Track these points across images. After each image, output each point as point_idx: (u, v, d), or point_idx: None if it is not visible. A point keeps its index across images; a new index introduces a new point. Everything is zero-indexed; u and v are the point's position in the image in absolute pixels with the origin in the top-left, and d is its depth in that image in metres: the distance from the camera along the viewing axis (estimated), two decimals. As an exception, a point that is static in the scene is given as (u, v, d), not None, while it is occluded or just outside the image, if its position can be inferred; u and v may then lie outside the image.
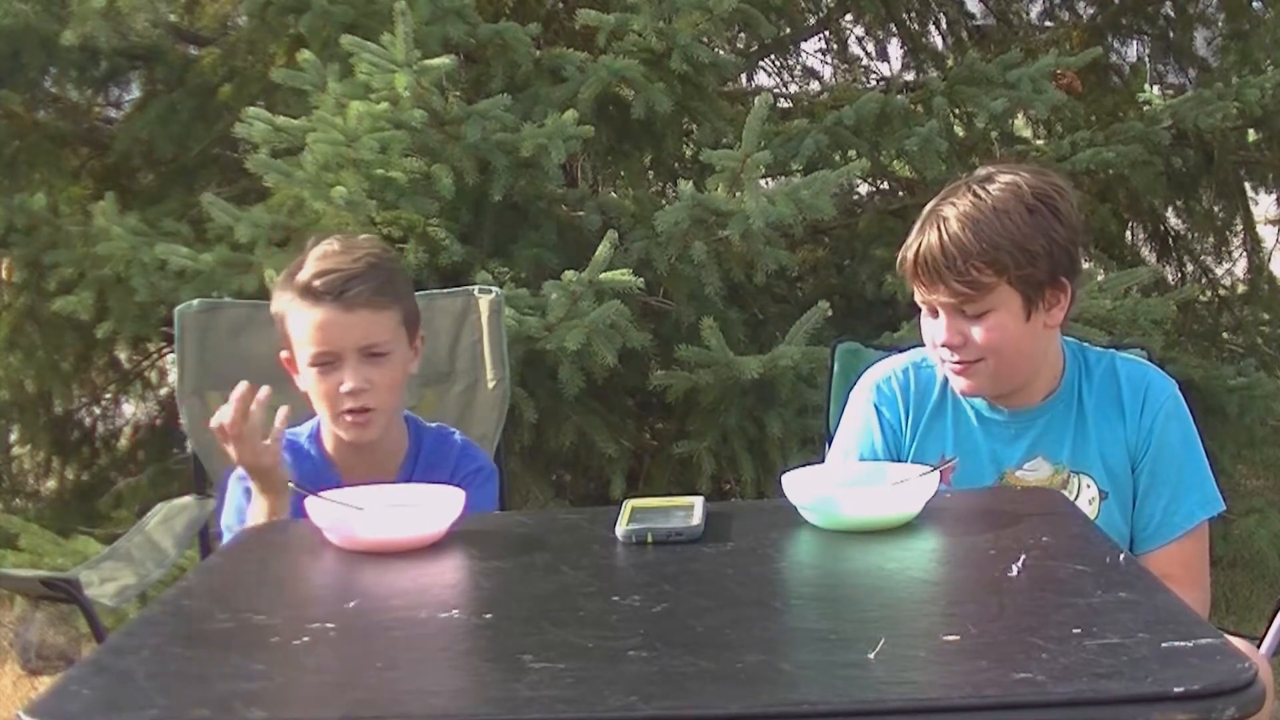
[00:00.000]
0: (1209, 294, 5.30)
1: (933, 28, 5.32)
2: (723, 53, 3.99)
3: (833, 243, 4.27)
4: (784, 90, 5.27)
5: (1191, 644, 1.08)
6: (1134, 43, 5.31)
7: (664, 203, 3.59)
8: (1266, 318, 5.13)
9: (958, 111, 4.02)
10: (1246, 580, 3.84)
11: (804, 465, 1.68)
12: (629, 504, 1.58)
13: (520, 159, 3.29)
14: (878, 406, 1.97)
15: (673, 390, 3.29)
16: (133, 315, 3.46)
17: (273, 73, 3.45)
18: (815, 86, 5.34)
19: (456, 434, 2.09)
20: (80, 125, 4.29)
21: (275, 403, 2.20)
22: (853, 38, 5.39)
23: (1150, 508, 1.90)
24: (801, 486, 1.55)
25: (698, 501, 1.58)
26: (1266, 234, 5.71)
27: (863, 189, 4.68)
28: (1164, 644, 1.08)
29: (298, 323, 1.90)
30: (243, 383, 1.80)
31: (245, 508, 1.91)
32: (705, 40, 3.65)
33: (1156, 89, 5.22)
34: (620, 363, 3.15)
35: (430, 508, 1.57)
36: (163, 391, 4.67)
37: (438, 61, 3.20)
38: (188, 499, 2.44)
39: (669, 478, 3.53)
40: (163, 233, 3.42)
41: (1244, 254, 5.39)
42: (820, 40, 5.36)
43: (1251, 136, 4.86)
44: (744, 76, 4.96)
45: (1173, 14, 5.18)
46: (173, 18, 4.16)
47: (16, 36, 3.74)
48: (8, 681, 3.56)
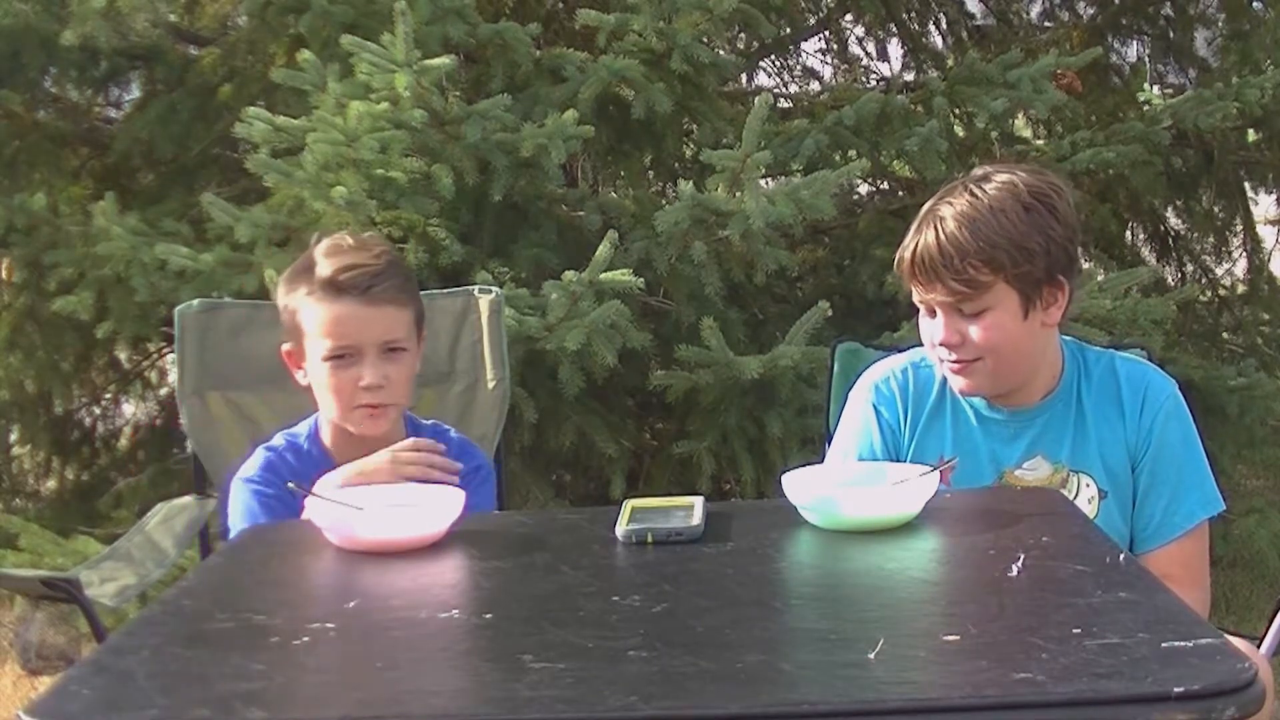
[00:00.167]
0: (1209, 294, 5.30)
1: (933, 28, 5.32)
2: (723, 53, 3.99)
3: (833, 243, 4.27)
4: (784, 90, 5.27)
5: (1191, 644, 1.08)
6: (1134, 43, 5.32)
7: (664, 203, 3.59)
8: (1266, 318, 5.12)
9: (958, 111, 4.02)
10: (1246, 580, 3.84)
11: (804, 465, 1.68)
12: (629, 504, 1.58)
13: (520, 159, 3.29)
14: (876, 407, 1.97)
15: (673, 390, 3.29)
16: (133, 315, 3.46)
17: (273, 73, 3.45)
18: (815, 86, 5.34)
19: (452, 432, 2.09)
20: (80, 125, 4.29)
21: (274, 401, 2.21)
22: (853, 38, 5.39)
23: (1150, 507, 1.90)
24: (801, 486, 1.55)
25: (698, 501, 1.58)
26: (1266, 234, 5.71)
27: (863, 189, 4.68)
28: (1164, 644, 1.08)
29: (313, 316, 1.89)
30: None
31: (257, 512, 1.90)
32: (705, 40, 3.65)
33: (1156, 89, 5.22)
34: (620, 363, 3.15)
35: (430, 508, 1.57)
36: (163, 391, 4.67)
37: (438, 61, 3.20)
38: (188, 499, 2.43)
39: (669, 478, 3.53)
40: (163, 233, 3.42)
41: (1244, 254, 5.39)
42: (820, 40, 5.36)
43: (1251, 136, 4.86)
44: (744, 76, 4.96)
45: (1173, 14, 5.18)
46: (173, 18, 4.16)
47: (16, 36, 3.74)
48: (8, 681, 3.56)
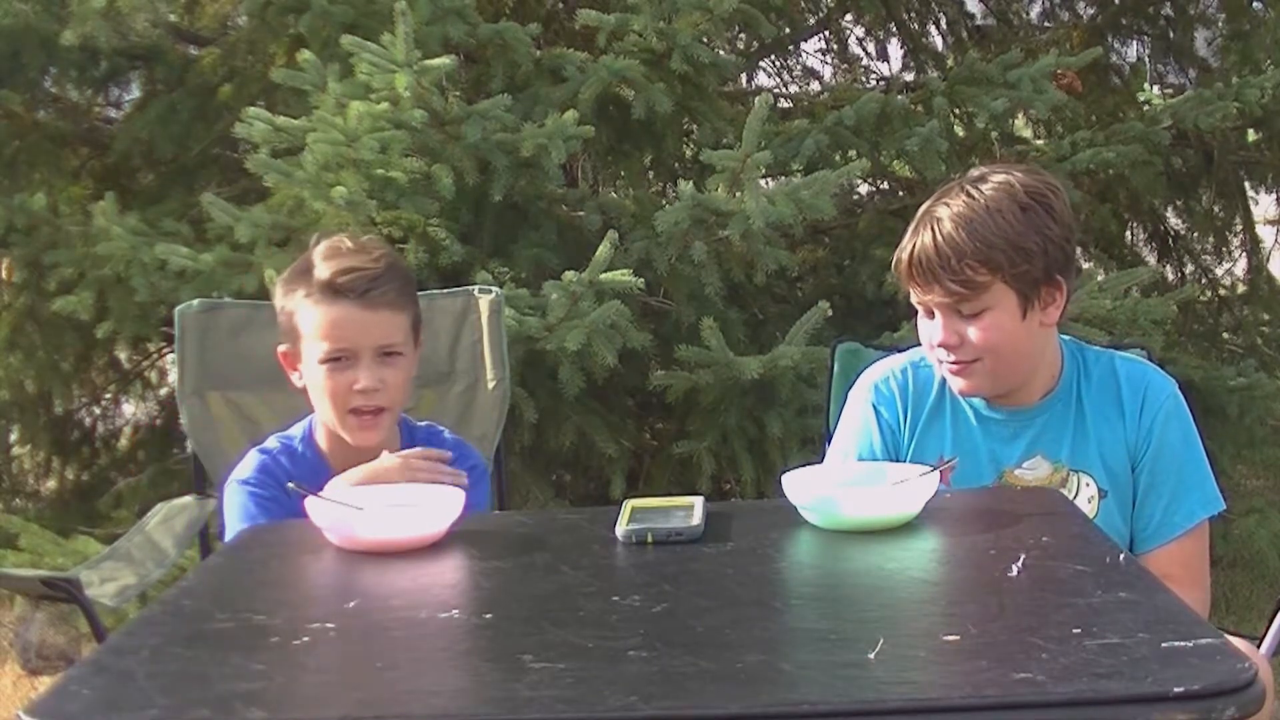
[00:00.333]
0: (1209, 294, 5.30)
1: (933, 28, 5.32)
2: (723, 53, 3.99)
3: (833, 243, 4.27)
4: (784, 90, 5.27)
5: (1191, 644, 1.08)
6: (1134, 43, 5.31)
7: (664, 203, 3.59)
8: (1266, 318, 5.13)
9: (958, 111, 4.02)
10: (1246, 580, 3.84)
11: (804, 465, 1.68)
12: (629, 504, 1.58)
13: (520, 159, 3.29)
14: (876, 407, 1.97)
15: (673, 390, 3.29)
16: (133, 315, 3.46)
17: (273, 73, 3.45)
18: (815, 86, 5.34)
19: (446, 432, 2.08)
20: (80, 125, 4.29)
21: (274, 401, 2.21)
22: (853, 38, 5.39)
23: (1150, 507, 1.90)
24: (801, 486, 1.55)
25: (698, 501, 1.58)
26: (1266, 234, 5.72)
27: (863, 189, 4.68)
28: (1164, 644, 1.08)
29: (310, 319, 1.89)
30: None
31: (253, 513, 1.90)
32: (705, 40, 3.65)
33: (1156, 89, 5.22)
34: (620, 363, 3.15)
35: (430, 508, 1.57)
36: (163, 391, 4.67)
37: (438, 61, 3.20)
38: (188, 499, 2.43)
39: (669, 478, 3.53)
40: (163, 233, 3.42)
41: (1244, 254, 5.39)
42: (820, 40, 5.36)
43: (1251, 136, 4.86)
44: (744, 76, 4.96)
45: (1173, 14, 5.18)
46: (173, 18, 4.16)
47: (16, 36, 3.74)
48: (8, 681, 3.56)
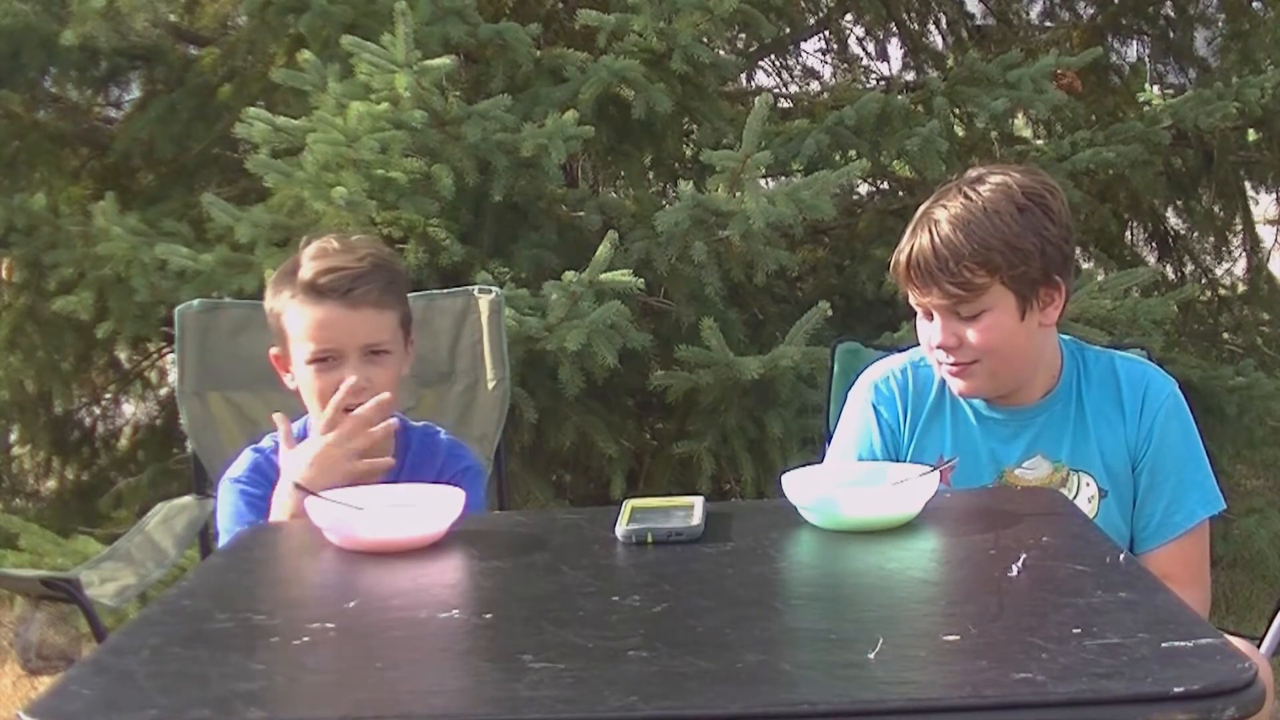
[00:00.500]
0: (1209, 294, 5.30)
1: (933, 28, 5.32)
2: (723, 53, 3.98)
3: (833, 243, 4.27)
4: (784, 90, 5.27)
5: (1191, 644, 1.08)
6: (1134, 43, 5.31)
7: (664, 203, 3.59)
8: (1266, 318, 5.12)
9: (958, 111, 4.02)
10: (1246, 580, 3.84)
11: (804, 465, 1.68)
12: (629, 504, 1.58)
13: (520, 159, 3.29)
14: (876, 406, 1.97)
15: (673, 390, 3.29)
16: (133, 315, 3.46)
17: (273, 73, 3.45)
18: (815, 86, 5.34)
19: (442, 433, 2.08)
20: (80, 125, 4.29)
21: (274, 401, 2.21)
22: (853, 38, 5.39)
23: (1151, 507, 1.90)
24: (801, 486, 1.55)
25: (698, 501, 1.58)
26: (1266, 234, 5.71)
27: (863, 189, 4.68)
28: (1164, 644, 1.08)
29: (296, 320, 1.89)
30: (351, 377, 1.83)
31: (244, 513, 1.90)
32: (705, 40, 3.65)
33: (1156, 89, 5.22)
34: (620, 363, 3.15)
35: (430, 508, 1.57)
36: (163, 391, 4.67)
37: (438, 62, 3.20)
38: (188, 499, 2.44)
39: (669, 478, 3.53)
40: (163, 233, 3.42)
41: (1244, 254, 5.39)
42: (820, 40, 5.36)
43: (1251, 136, 4.86)
44: (744, 76, 4.96)
45: (1173, 14, 5.18)
46: (173, 18, 4.16)
47: (16, 36, 3.74)
48: (8, 681, 3.56)
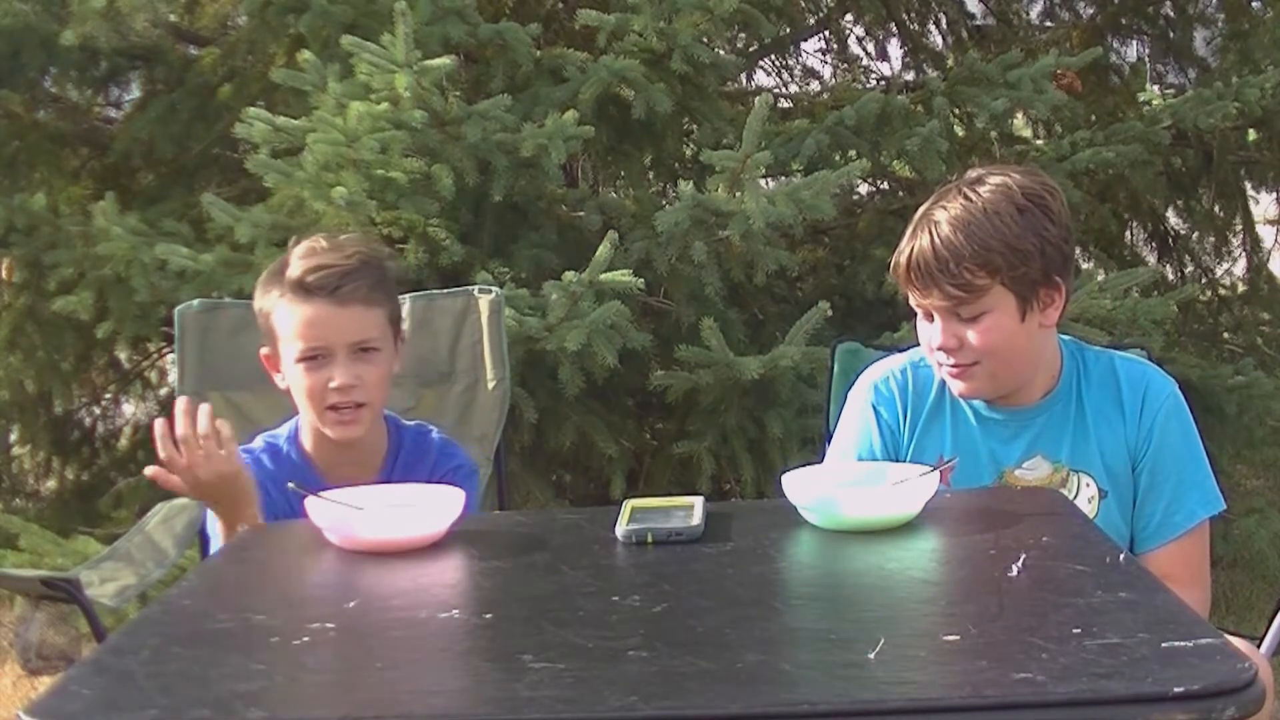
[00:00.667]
0: (1209, 294, 5.30)
1: (933, 28, 5.32)
2: (723, 53, 3.98)
3: (833, 243, 4.27)
4: (784, 90, 5.27)
5: (1191, 644, 1.08)
6: (1134, 43, 5.31)
7: (664, 203, 3.59)
8: (1266, 318, 5.12)
9: (958, 111, 4.02)
10: (1246, 580, 3.84)
11: (804, 465, 1.68)
12: (629, 504, 1.58)
13: (520, 159, 3.29)
14: (875, 407, 1.97)
15: (673, 390, 3.29)
16: (133, 315, 3.46)
17: (273, 73, 3.45)
18: (815, 86, 5.34)
19: (435, 432, 2.08)
20: (80, 125, 4.29)
21: (274, 401, 2.20)
22: (853, 38, 5.39)
23: (1151, 507, 1.90)
24: (801, 486, 1.55)
25: (698, 501, 1.58)
26: (1266, 234, 5.71)
27: (863, 189, 4.68)
28: (1164, 644, 1.08)
29: (285, 318, 1.90)
30: (182, 398, 1.80)
31: None
32: (705, 40, 3.65)
33: (1156, 89, 5.22)
34: (620, 363, 3.15)
35: (430, 508, 1.57)
36: (163, 391, 4.67)
37: (438, 62, 3.20)
38: (187, 499, 2.43)
39: (669, 478, 3.53)
40: (163, 233, 3.42)
41: (1244, 254, 5.39)
42: (820, 40, 5.36)
43: (1251, 136, 4.86)
44: (744, 76, 4.96)
45: (1173, 14, 5.18)
46: (173, 18, 4.16)
47: (16, 36, 3.74)
48: (8, 681, 3.56)
